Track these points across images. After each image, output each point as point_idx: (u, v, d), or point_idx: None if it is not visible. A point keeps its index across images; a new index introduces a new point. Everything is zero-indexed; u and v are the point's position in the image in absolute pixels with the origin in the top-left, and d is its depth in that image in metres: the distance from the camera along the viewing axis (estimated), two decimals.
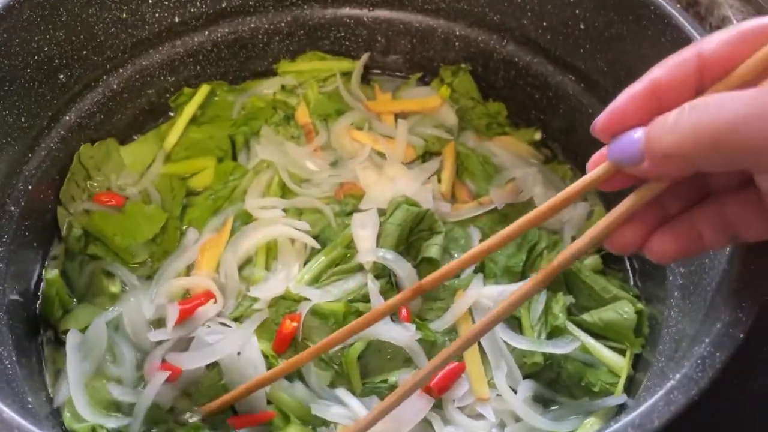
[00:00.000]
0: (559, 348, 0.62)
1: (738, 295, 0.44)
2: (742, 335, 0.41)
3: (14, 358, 0.56)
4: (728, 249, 0.49)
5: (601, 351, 0.62)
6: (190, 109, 0.81)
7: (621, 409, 0.60)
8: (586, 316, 0.64)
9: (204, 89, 0.82)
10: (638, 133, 0.39)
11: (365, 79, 0.87)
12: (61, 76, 0.69)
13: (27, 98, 0.65)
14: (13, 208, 0.64)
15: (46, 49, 0.66)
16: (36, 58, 0.65)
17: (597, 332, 0.64)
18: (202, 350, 0.62)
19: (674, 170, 0.38)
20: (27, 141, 0.67)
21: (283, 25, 0.83)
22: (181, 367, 0.61)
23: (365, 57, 0.85)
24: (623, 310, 0.62)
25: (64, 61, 0.68)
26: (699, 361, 0.40)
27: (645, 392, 0.53)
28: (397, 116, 0.82)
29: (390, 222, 0.68)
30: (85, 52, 0.70)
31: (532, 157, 0.79)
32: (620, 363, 0.61)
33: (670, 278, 0.61)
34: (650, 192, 0.41)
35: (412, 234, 0.69)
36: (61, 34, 0.67)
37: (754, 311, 0.42)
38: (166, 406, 0.60)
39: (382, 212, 0.71)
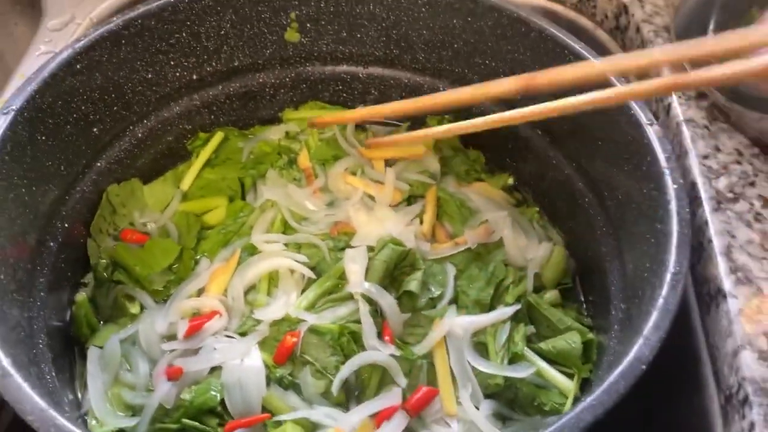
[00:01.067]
0: (517, 372, 0.71)
1: (647, 334, 0.54)
2: (644, 367, 0.50)
3: (54, 374, 0.66)
4: (662, 293, 0.58)
5: (554, 375, 0.72)
6: (205, 154, 0.91)
7: None
8: (543, 344, 0.74)
9: (218, 136, 0.93)
10: None
11: (360, 126, 0.97)
12: (95, 130, 0.80)
13: (66, 150, 0.76)
14: (52, 244, 0.75)
15: (83, 108, 0.77)
16: (75, 115, 0.76)
17: (551, 358, 0.74)
18: (207, 355, 0.71)
19: None
20: (65, 186, 0.77)
21: (287, 79, 0.94)
22: (184, 368, 0.69)
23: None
24: (572, 340, 0.72)
25: (98, 117, 0.79)
26: (606, 388, 0.50)
27: None
28: (387, 162, 0.93)
29: (377, 258, 0.78)
30: (115, 108, 0.81)
31: (504, 201, 0.89)
32: (569, 386, 0.71)
33: (613, 312, 0.71)
34: None
35: (396, 269, 0.79)
36: (96, 94, 0.78)
37: (656, 347, 0.52)
38: (169, 405, 0.68)
39: (371, 249, 0.81)
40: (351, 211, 0.86)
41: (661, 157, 0.66)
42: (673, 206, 0.62)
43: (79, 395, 0.73)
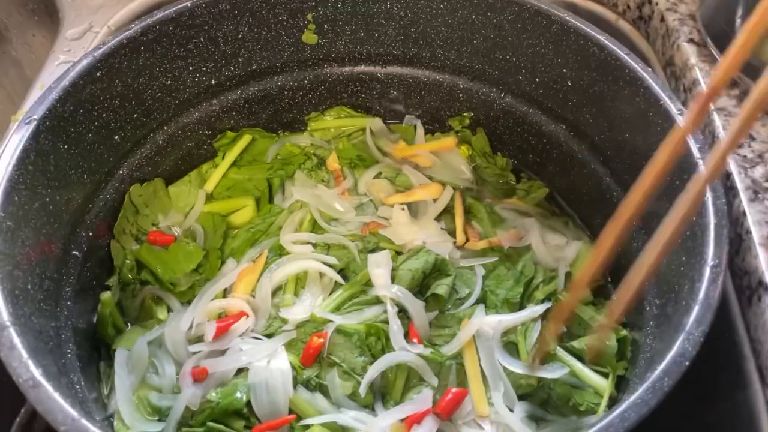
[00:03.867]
0: (550, 372, 0.70)
1: (689, 329, 0.52)
2: (687, 363, 0.49)
3: (83, 383, 0.66)
4: (702, 286, 0.56)
5: (588, 374, 0.70)
6: (232, 155, 0.91)
7: None
8: (575, 343, 0.73)
9: (246, 137, 0.92)
10: None
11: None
12: (116, 137, 0.80)
13: (89, 158, 0.76)
14: (77, 253, 0.74)
15: (104, 116, 0.77)
16: (96, 124, 0.76)
17: (584, 357, 0.72)
18: (233, 355, 0.71)
19: None
20: (88, 193, 0.77)
21: (306, 82, 0.93)
22: (210, 369, 0.69)
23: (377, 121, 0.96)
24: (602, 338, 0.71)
25: (119, 125, 0.79)
26: (650, 385, 0.48)
27: None
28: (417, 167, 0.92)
29: (405, 267, 0.77)
30: (135, 115, 0.81)
31: (534, 213, 0.87)
32: (603, 385, 0.69)
33: (647, 308, 0.69)
34: None
35: (426, 278, 0.78)
36: (116, 102, 0.77)
37: (699, 342, 0.50)
38: (195, 407, 0.68)
39: (397, 252, 0.80)
40: (394, 211, 0.84)
41: (694, 147, 0.64)
42: (709, 198, 0.60)
43: (104, 395, 0.72)
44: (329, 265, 0.79)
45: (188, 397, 0.68)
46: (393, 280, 0.76)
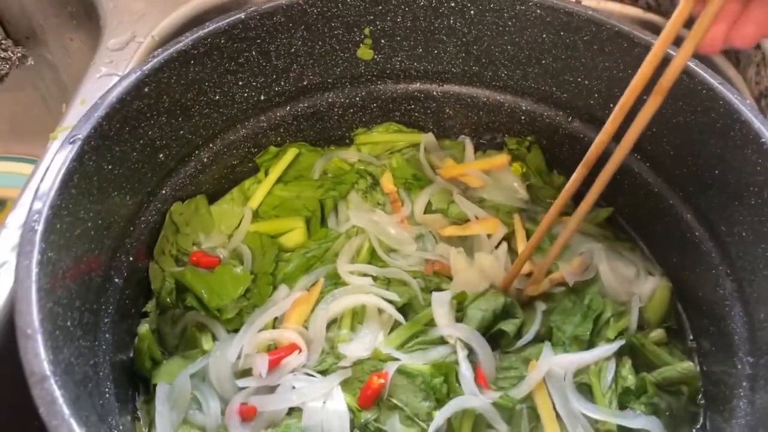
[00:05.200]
0: (631, 420, 0.64)
1: None
2: None
3: (121, 427, 0.61)
4: None
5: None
6: (277, 170, 0.85)
7: None
8: (650, 376, 0.68)
9: (291, 152, 0.87)
10: None
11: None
12: (161, 156, 0.75)
13: (132, 178, 0.71)
14: (117, 280, 0.70)
15: (150, 133, 0.72)
16: (141, 141, 0.71)
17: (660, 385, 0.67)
18: (285, 394, 0.66)
19: None
20: (130, 216, 0.72)
21: (358, 99, 0.88)
22: (259, 407, 0.64)
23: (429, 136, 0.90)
24: (682, 367, 0.68)
25: (165, 142, 0.74)
26: None
27: None
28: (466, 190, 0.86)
29: (473, 307, 0.72)
30: (182, 131, 0.76)
31: (599, 235, 0.82)
32: None
33: (739, 367, 0.63)
34: None
35: (495, 320, 0.72)
36: (163, 118, 0.73)
37: None
38: None
39: (462, 295, 0.74)
40: (451, 255, 0.79)
41: None
42: None
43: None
44: (390, 301, 0.73)
45: None
46: (460, 320, 0.71)
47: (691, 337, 0.74)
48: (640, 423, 0.65)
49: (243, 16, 0.74)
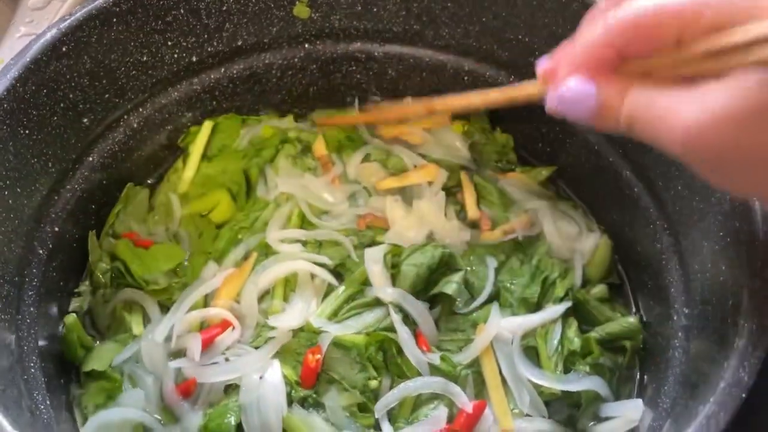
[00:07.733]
0: (573, 385, 0.65)
1: (744, 352, 0.46)
2: (744, 395, 0.43)
3: (48, 402, 0.58)
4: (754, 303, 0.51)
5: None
6: (197, 148, 0.82)
7: None
8: (593, 333, 0.68)
9: (206, 126, 0.83)
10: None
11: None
12: (85, 120, 0.71)
13: (53, 144, 0.67)
14: (41, 251, 0.66)
15: (71, 96, 0.68)
16: (62, 105, 0.67)
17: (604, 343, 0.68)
18: (221, 367, 0.65)
19: None
20: (52, 184, 0.69)
21: (296, 60, 0.85)
22: (196, 377, 0.64)
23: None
24: (627, 321, 0.68)
25: (88, 106, 0.70)
26: (705, 421, 0.42)
27: None
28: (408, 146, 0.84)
29: (408, 263, 0.70)
30: (107, 95, 0.72)
31: (542, 194, 0.81)
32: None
33: (674, 318, 0.64)
34: None
35: (432, 274, 0.71)
36: (85, 80, 0.69)
37: (755, 370, 0.44)
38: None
39: (397, 247, 0.73)
40: (387, 204, 0.77)
41: None
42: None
43: (77, 420, 0.65)
44: (321, 265, 0.72)
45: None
46: (395, 277, 0.69)
47: (631, 292, 0.75)
48: (584, 385, 0.65)
49: None
